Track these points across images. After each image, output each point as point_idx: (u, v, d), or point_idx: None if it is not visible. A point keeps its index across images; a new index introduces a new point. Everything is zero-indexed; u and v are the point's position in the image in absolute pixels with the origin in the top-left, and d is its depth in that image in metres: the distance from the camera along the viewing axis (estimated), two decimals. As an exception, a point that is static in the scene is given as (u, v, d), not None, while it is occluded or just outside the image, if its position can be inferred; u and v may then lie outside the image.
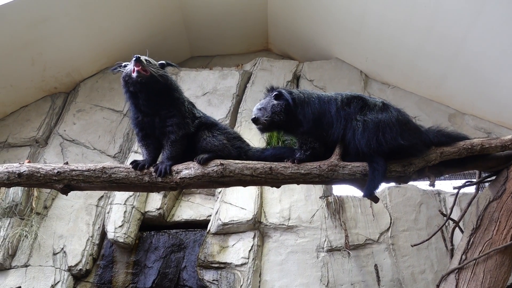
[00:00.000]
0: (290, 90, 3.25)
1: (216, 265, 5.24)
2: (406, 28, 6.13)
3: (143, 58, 3.05)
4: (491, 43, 5.39)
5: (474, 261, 3.20)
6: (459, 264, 3.27)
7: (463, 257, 3.29)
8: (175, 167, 3.12)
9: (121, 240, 5.48)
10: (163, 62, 3.26)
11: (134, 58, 2.98)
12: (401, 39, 6.33)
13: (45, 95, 7.32)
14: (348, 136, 3.04)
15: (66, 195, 3.23)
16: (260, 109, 3.16)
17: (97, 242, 5.66)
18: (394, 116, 3.06)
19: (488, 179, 3.56)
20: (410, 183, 4.43)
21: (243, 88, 7.31)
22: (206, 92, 7.17)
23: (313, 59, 7.76)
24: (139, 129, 3.24)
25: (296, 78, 7.49)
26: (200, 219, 5.88)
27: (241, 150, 3.31)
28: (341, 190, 5.93)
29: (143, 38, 7.69)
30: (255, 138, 5.84)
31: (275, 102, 3.15)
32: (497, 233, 3.21)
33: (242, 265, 5.21)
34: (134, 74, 2.97)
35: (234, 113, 6.96)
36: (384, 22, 6.32)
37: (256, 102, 6.74)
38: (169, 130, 3.11)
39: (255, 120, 3.14)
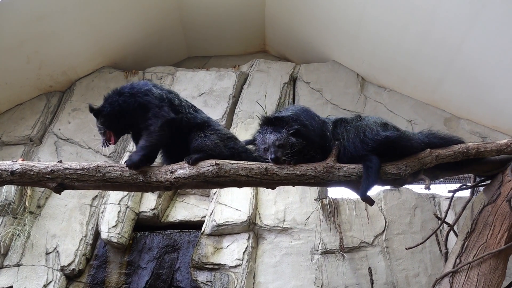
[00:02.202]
0: (295, 116, 3.22)
1: (210, 266, 5.22)
2: (403, 32, 6.15)
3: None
4: (487, 48, 5.40)
5: (468, 265, 3.22)
6: (453, 267, 3.28)
7: (457, 260, 3.30)
8: (169, 167, 3.11)
9: (115, 240, 5.44)
10: (105, 96, 3.29)
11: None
12: (398, 43, 6.35)
13: (40, 94, 7.27)
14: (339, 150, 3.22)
15: (60, 194, 3.22)
16: (279, 147, 3.06)
17: (90, 242, 5.62)
18: (371, 120, 3.29)
19: (483, 183, 3.58)
20: (405, 186, 4.44)
21: (240, 89, 7.30)
22: (202, 92, 7.16)
23: (310, 61, 7.76)
24: (131, 135, 3.44)
25: (293, 80, 7.49)
26: (195, 220, 5.85)
27: (234, 150, 3.31)
28: (336, 192, 5.92)
29: (140, 38, 7.68)
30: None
31: (294, 140, 3.09)
32: (491, 237, 3.23)
33: (236, 266, 5.19)
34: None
35: (230, 114, 6.95)
36: (382, 25, 6.33)
37: (252, 103, 6.85)
38: (149, 123, 3.09)
39: (276, 160, 3.05)
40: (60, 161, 3.06)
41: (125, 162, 3.06)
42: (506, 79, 5.53)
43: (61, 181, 3.02)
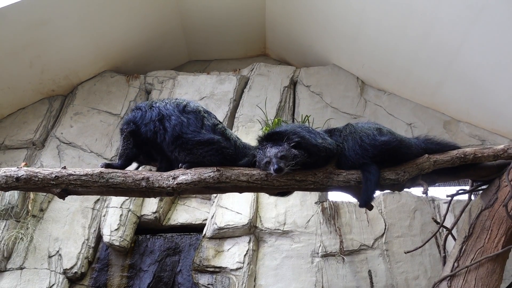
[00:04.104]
0: (293, 130, 3.19)
1: (211, 269, 5.26)
2: (402, 36, 6.19)
3: None
4: (486, 52, 5.45)
5: (466, 268, 3.26)
6: (451, 271, 3.33)
7: (455, 264, 3.34)
8: (171, 173, 3.15)
9: (117, 243, 5.49)
10: None
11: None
12: (398, 47, 6.39)
13: (42, 98, 7.33)
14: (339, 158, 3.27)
15: (63, 200, 3.26)
16: (281, 158, 3.01)
17: (92, 245, 5.66)
18: (364, 125, 3.33)
19: (480, 187, 3.62)
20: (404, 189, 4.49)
21: (240, 93, 7.35)
22: (203, 96, 7.20)
23: (310, 65, 7.81)
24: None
25: (293, 84, 7.53)
26: (196, 223, 5.90)
27: (223, 154, 3.22)
28: (336, 196, 5.97)
29: (141, 42, 7.73)
30: (252, 143, 5.87)
31: (296, 152, 3.05)
32: (488, 241, 3.27)
33: (237, 269, 5.23)
34: None
35: (231, 117, 6.99)
36: (381, 29, 6.38)
37: (253, 107, 6.90)
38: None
39: (279, 170, 2.98)
40: (64, 167, 3.11)
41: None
42: (505, 82, 5.57)
43: (65, 187, 3.07)
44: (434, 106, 6.82)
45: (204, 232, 5.60)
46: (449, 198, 3.81)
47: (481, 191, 3.60)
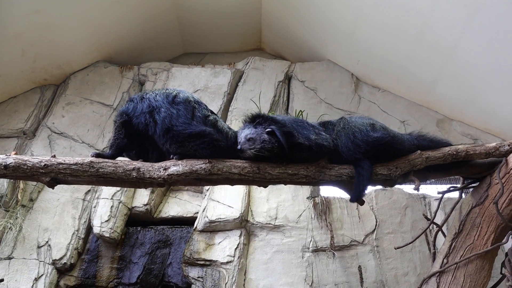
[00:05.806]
0: (280, 120, 3.13)
1: (201, 262, 5.25)
2: (398, 34, 6.19)
3: None
4: (481, 51, 5.46)
5: (455, 265, 3.28)
6: (441, 267, 3.34)
7: (445, 260, 3.36)
8: (163, 164, 3.13)
9: (107, 234, 5.46)
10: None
11: None
12: (393, 44, 6.39)
13: (34, 87, 7.23)
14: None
15: (53, 189, 3.22)
16: (248, 140, 3.00)
17: (82, 236, 5.62)
18: (358, 121, 3.32)
19: (471, 185, 3.63)
20: (396, 186, 4.50)
21: (235, 86, 7.31)
22: (197, 89, 7.16)
23: (305, 60, 7.79)
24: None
25: (288, 79, 7.51)
26: (187, 216, 5.88)
27: (214, 146, 3.16)
28: (328, 191, 5.98)
29: (135, 33, 7.66)
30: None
31: (266, 137, 2.98)
32: (478, 238, 3.29)
33: (227, 263, 5.23)
34: None
35: (225, 111, 6.96)
36: (377, 26, 6.37)
37: (247, 101, 6.88)
38: None
39: (241, 151, 2.99)
40: (54, 156, 3.07)
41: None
42: (499, 82, 5.60)
43: (54, 176, 3.03)
44: (428, 104, 6.84)
45: (195, 225, 5.59)
46: (440, 195, 3.82)
47: (472, 189, 3.62)
